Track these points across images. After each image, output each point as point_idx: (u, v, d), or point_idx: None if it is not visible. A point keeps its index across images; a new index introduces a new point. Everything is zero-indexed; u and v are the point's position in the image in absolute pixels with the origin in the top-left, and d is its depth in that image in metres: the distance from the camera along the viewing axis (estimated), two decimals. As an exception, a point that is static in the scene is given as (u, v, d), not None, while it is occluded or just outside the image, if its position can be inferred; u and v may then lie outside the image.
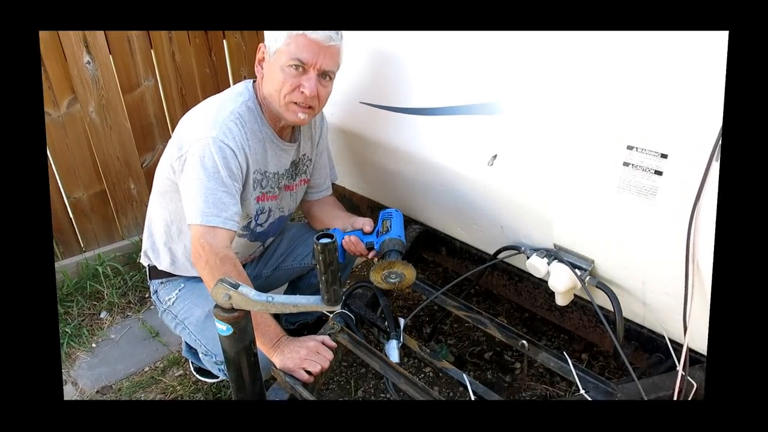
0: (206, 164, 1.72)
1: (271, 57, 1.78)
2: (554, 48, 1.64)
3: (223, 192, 1.73)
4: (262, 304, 1.28)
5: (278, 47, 1.75)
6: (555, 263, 1.78)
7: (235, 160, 1.75)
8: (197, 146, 1.73)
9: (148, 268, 2.15)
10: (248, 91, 1.87)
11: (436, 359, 1.80)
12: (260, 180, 1.91)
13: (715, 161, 1.34)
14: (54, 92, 2.67)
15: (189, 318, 2.01)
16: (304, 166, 2.12)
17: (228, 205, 1.73)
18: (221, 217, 1.72)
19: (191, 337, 2.00)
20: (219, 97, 1.88)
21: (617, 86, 1.51)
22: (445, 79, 1.92)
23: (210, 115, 1.78)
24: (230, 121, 1.76)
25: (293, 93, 1.77)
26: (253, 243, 2.08)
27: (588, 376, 1.66)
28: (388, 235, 1.85)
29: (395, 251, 1.81)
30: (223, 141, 1.72)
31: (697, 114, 1.38)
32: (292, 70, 1.74)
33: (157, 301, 2.12)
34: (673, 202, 1.45)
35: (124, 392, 2.35)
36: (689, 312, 1.51)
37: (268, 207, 2.01)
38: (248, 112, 1.83)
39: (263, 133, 1.87)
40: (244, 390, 1.44)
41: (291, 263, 2.34)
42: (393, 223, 1.91)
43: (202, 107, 1.86)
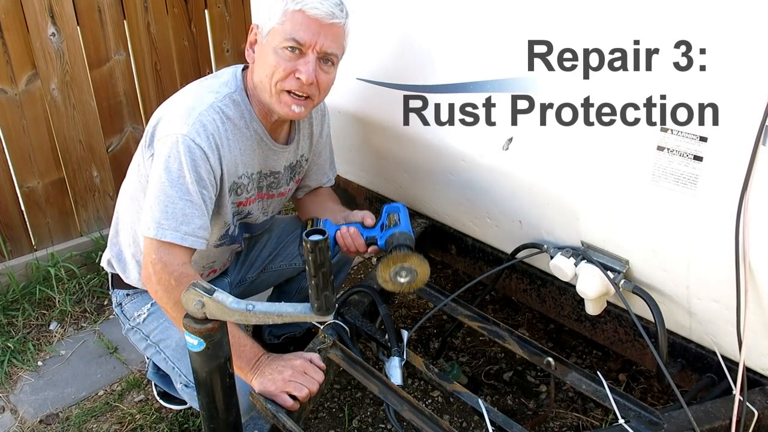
0: (170, 166, 1.69)
1: (264, 38, 1.75)
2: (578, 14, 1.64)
3: (186, 201, 1.70)
4: (240, 313, 1.27)
5: (272, 26, 1.72)
6: (583, 264, 1.78)
7: (205, 164, 1.72)
8: (164, 144, 1.71)
9: (110, 276, 2.14)
10: (235, 81, 1.84)
11: (445, 381, 1.80)
12: (245, 184, 1.90)
13: (762, 145, 1.34)
14: (12, 67, 2.70)
15: (165, 341, 1.99)
16: (300, 168, 2.12)
17: (190, 218, 1.71)
18: (180, 231, 1.70)
19: (167, 363, 1.99)
20: (199, 85, 1.85)
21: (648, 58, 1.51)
22: (457, 52, 1.92)
23: (184, 107, 1.76)
24: (206, 117, 1.73)
25: (287, 80, 1.73)
26: (230, 246, 2.08)
27: (627, 401, 1.65)
28: (397, 228, 1.83)
29: (405, 245, 1.78)
30: (193, 140, 1.69)
31: (738, 91, 1.38)
32: (287, 52, 1.71)
33: (121, 315, 2.11)
34: (717, 191, 1.45)
35: (73, 422, 2.33)
36: (744, 323, 1.51)
37: (252, 210, 2.01)
38: (233, 106, 1.80)
39: (252, 131, 1.85)
40: (217, 419, 1.43)
41: (280, 263, 2.34)
42: (401, 216, 1.90)
43: (178, 96, 1.84)
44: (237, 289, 2.32)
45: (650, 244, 1.65)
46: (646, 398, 2.35)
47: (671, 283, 1.69)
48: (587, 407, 2.33)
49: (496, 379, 2.48)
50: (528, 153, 1.80)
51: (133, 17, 2.99)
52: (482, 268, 2.30)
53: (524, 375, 2.49)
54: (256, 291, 2.40)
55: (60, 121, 2.91)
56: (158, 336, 2.01)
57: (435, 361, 2.55)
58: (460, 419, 2.31)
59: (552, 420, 2.30)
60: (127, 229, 2.01)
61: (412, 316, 2.80)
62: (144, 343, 2.05)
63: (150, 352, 2.05)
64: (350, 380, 2.44)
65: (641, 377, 2.44)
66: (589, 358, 2.55)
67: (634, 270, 1.75)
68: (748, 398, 1.59)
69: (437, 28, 1.96)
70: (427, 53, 1.99)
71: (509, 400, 2.38)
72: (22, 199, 2.92)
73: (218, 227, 1.91)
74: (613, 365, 2.50)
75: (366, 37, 2.16)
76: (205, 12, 3.24)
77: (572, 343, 2.62)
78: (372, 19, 2.14)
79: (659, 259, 1.67)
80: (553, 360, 1.78)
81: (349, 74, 2.22)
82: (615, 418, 1.61)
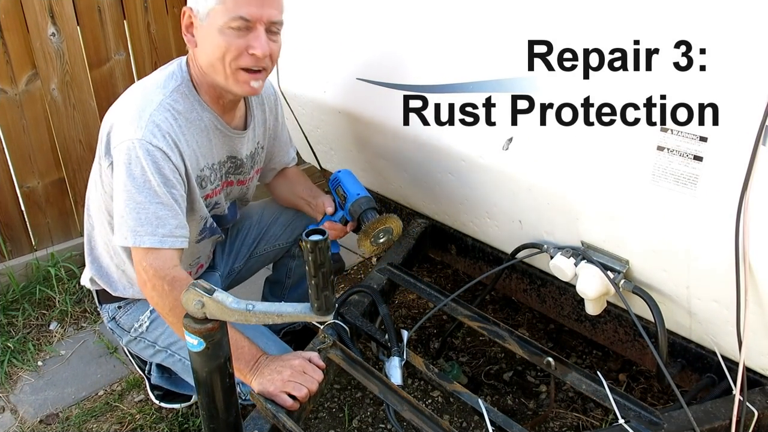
0: (134, 172, 1.68)
1: (203, 20, 1.71)
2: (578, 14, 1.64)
3: (158, 204, 1.69)
4: (240, 313, 1.27)
5: (211, 7, 1.68)
6: (583, 264, 1.79)
7: (168, 163, 1.70)
8: (121, 150, 1.69)
9: (96, 293, 2.11)
10: (181, 72, 1.82)
11: (445, 381, 1.80)
12: (208, 176, 1.89)
13: (762, 145, 1.34)
14: (12, 67, 2.70)
15: (177, 343, 1.97)
16: (258, 156, 2.12)
17: (164, 219, 1.70)
18: (157, 235, 1.69)
19: (183, 364, 1.97)
20: (146, 83, 1.82)
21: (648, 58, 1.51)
22: (457, 52, 1.92)
23: (134, 110, 1.73)
24: (158, 116, 1.71)
25: (241, 58, 1.71)
26: (211, 238, 2.07)
27: (627, 401, 1.65)
28: (348, 202, 1.96)
29: (368, 210, 1.91)
30: (150, 142, 1.68)
31: (738, 91, 1.37)
32: (234, 31, 1.68)
33: (117, 328, 2.08)
34: (717, 191, 1.45)
35: (73, 422, 2.33)
36: (744, 323, 1.51)
37: (219, 201, 2.00)
38: (183, 100, 1.78)
39: (205, 121, 1.84)
40: (217, 419, 1.42)
41: (264, 247, 2.36)
42: (344, 186, 2.01)
43: (127, 97, 1.81)
44: (227, 280, 2.33)
45: (650, 244, 1.65)
46: (646, 398, 2.35)
47: (671, 283, 1.68)
48: (587, 407, 2.33)
49: (496, 379, 2.47)
50: (528, 153, 1.79)
51: (133, 17, 2.99)
52: (482, 268, 2.30)
53: (524, 375, 2.49)
54: (245, 277, 2.42)
55: (60, 121, 2.90)
56: (167, 340, 2.00)
57: (435, 361, 2.55)
58: (460, 419, 2.31)
59: (552, 420, 2.29)
60: (102, 242, 1.99)
61: (412, 316, 2.79)
62: (151, 350, 2.04)
63: (160, 357, 2.04)
64: (350, 380, 2.44)
65: (641, 377, 2.44)
66: (589, 358, 2.55)
67: (634, 270, 1.75)
68: (748, 398, 1.58)
69: (437, 28, 1.96)
70: (428, 53, 1.98)
71: (509, 400, 2.38)
72: (22, 199, 2.92)
73: (196, 222, 1.91)
74: (613, 365, 2.50)
75: (366, 37, 2.17)
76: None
77: (572, 343, 2.62)
78: (372, 19, 2.14)
79: (659, 259, 1.67)
80: (553, 360, 1.78)
81: (348, 74, 2.22)
82: (615, 418, 1.61)
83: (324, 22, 2.30)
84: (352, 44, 2.21)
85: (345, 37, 2.23)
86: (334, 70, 2.28)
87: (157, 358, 2.06)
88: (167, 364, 2.06)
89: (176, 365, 2.02)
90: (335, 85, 2.28)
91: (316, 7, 2.31)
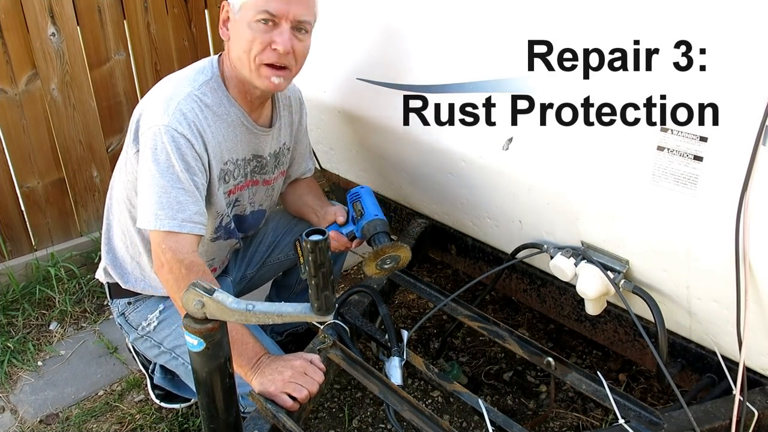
0: (158, 157, 1.72)
1: (237, 14, 1.77)
2: (578, 14, 1.64)
3: (179, 189, 1.73)
4: (240, 313, 1.27)
5: (243, 1, 1.74)
6: (583, 264, 1.78)
7: (191, 151, 1.74)
8: (148, 136, 1.74)
9: (107, 286, 2.13)
10: (212, 68, 1.86)
11: (445, 381, 1.80)
12: (232, 171, 1.91)
13: (762, 145, 1.34)
14: (12, 67, 2.71)
15: (182, 346, 1.97)
16: (283, 157, 2.14)
17: (185, 205, 1.73)
18: (177, 219, 1.72)
19: (186, 368, 1.97)
20: (176, 76, 1.87)
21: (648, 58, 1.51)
22: (457, 52, 1.92)
23: (162, 99, 1.77)
24: (185, 105, 1.75)
25: (264, 52, 1.75)
26: (228, 241, 2.07)
27: (627, 401, 1.65)
28: (364, 220, 1.94)
29: (381, 233, 1.89)
30: (175, 129, 1.72)
31: (738, 91, 1.38)
32: (261, 25, 1.73)
33: (125, 324, 2.09)
34: (717, 191, 1.45)
35: (73, 422, 2.33)
36: (744, 323, 1.51)
37: (240, 198, 2.01)
38: (211, 93, 1.83)
39: (232, 116, 1.87)
40: (217, 419, 1.42)
41: (278, 255, 2.35)
42: (364, 203, 1.99)
43: (157, 88, 1.85)
44: (239, 286, 2.33)
45: (650, 244, 1.65)
46: (646, 398, 2.35)
47: (671, 283, 1.68)
48: (587, 407, 2.33)
49: (496, 379, 2.47)
50: (528, 153, 1.79)
51: (133, 17, 2.99)
52: (482, 268, 2.29)
53: (524, 375, 2.48)
54: (258, 285, 2.42)
55: (60, 121, 2.91)
56: (173, 342, 2.00)
57: (435, 361, 2.55)
58: (460, 419, 2.31)
59: (552, 420, 2.29)
60: (120, 231, 2.01)
61: (412, 316, 2.79)
62: (156, 351, 2.04)
63: (164, 359, 2.05)
64: (350, 380, 2.44)
65: (641, 377, 2.44)
66: (589, 358, 2.55)
67: (634, 270, 1.75)
68: (748, 398, 1.58)
69: (437, 28, 1.96)
70: (428, 53, 1.98)
71: (509, 400, 2.38)
72: (22, 199, 2.93)
73: (212, 218, 1.92)
74: (613, 365, 2.50)
75: (367, 38, 2.16)
76: (205, 12, 3.25)
77: (572, 343, 2.62)
78: (372, 19, 2.14)
79: (659, 259, 1.67)
80: (553, 360, 1.78)
81: (349, 74, 2.22)
82: (615, 418, 1.61)
83: (324, 22, 2.30)
84: (352, 44, 2.21)
85: (345, 37, 2.23)
86: (334, 70, 2.28)
87: (161, 360, 2.06)
88: (171, 367, 2.06)
89: (179, 369, 2.02)
90: (335, 85, 2.28)
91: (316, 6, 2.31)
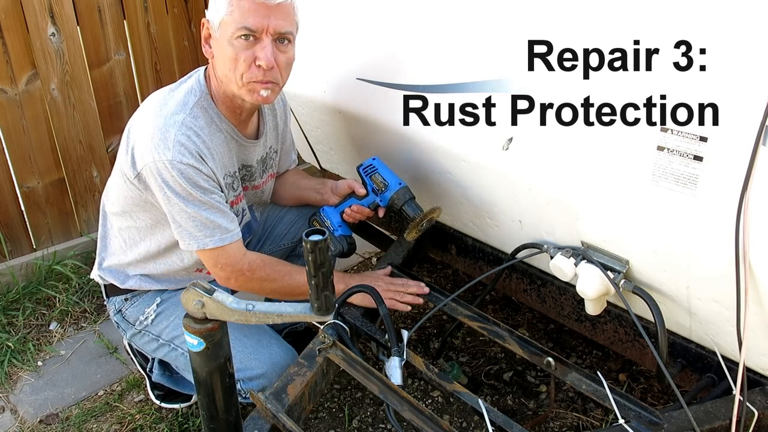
0: (176, 189, 1.76)
1: (217, 32, 1.77)
2: (578, 14, 1.64)
3: (206, 210, 1.79)
4: (240, 313, 1.27)
5: (221, 18, 1.73)
6: (583, 264, 1.78)
7: (200, 175, 1.78)
8: (155, 171, 1.75)
9: (103, 287, 2.14)
10: (200, 87, 1.86)
11: (445, 381, 1.80)
12: (231, 183, 1.95)
13: (762, 145, 1.34)
14: (12, 67, 2.71)
15: (181, 336, 1.99)
16: (271, 161, 2.17)
17: (217, 221, 1.80)
18: (215, 236, 1.81)
19: (186, 358, 1.98)
20: (167, 99, 1.84)
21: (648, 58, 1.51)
22: (457, 52, 1.92)
23: (158, 130, 1.76)
24: (182, 137, 1.76)
25: (250, 70, 1.75)
26: None
27: (627, 401, 1.66)
28: (390, 191, 2.06)
29: (409, 201, 2.06)
30: (180, 162, 1.74)
31: (738, 91, 1.37)
32: (242, 41, 1.73)
33: (122, 321, 2.11)
34: (717, 191, 1.45)
35: (73, 422, 2.33)
36: (744, 323, 1.50)
37: (244, 207, 2.06)
38: (202, 114, 1.83)
39: (224, 131, 1.90)
40: (217, 419, 1.42)
41: (270, 248, 2.39)
42: (383, 174, 2.10)
43: (149, 113, 1.82)
44: None
45: (650, 244, 1.65)
46: (646, 398, 2.35)
47: (671, 283, 1.68)
48: (587, 407, 2.33)
49: (496, 379, 2.47)
50: (528, 153, 1.79)
51: (133, 17, 3.00)
52: (482, 268, 2.29)
53: (524, 375, 2.48)
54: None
55: (60, 121, 2.91)
56: (171, 333, 2.02)
57: (435, 361, 2.55)
58: (460, 419, 2.31)
59: (552, 420, 2.29)
60: (118, 237, 2.04)
61: (412, 316, 2.79)
62: (154, 344, 2.06)
63: (163, 351, 2.06)
64: (350, 380, 2.44)
65: (641, 377, 2.44)
66: (589, 358, 2.55)
67: (634, 270, 1.74)
68: (748, 398, 1.58)
69: (437, 28, 1.95)
70: (428, 53, 1.98)
71: (509, 400, 2.38)
72: (22, 199, 2.93)
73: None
74: (613, 365, 2.50)
75: (366, 37, 2.16)
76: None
77: (572, 343, 2.62)
78: (372, 19, 2.14)
79: (659, 259, 1.66)
80: (553, 360, 1.78)
81: (349, 74, 2.22)
82: (615, 418, 1.61)
83: (324, 22, 2.30)
84: (351, 44, 2.21)
85: (345, 37, 2.23)
86: (334, 70, 2.28)
87: (160, 353, 2.07)
88: (170, 359, 2.08)
89: (179, 360, 2.04)
90: (335, 85, 2.28)
91: (316, 7, 2.31)
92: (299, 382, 1.72)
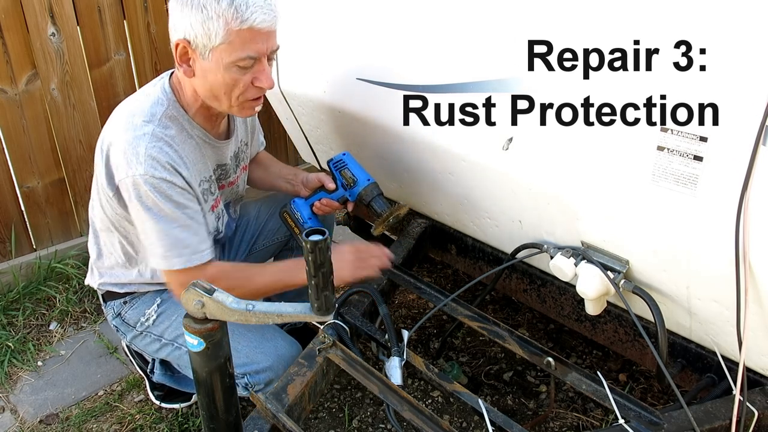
0: (147, 204, 1.75)
1: (206, 57, 1.70)
2: (578, 14, 1.64)
3: (177, 228, 1.77)
4: (240, 313, 1.27)
5: (215, 45, 1.68)
6: (583, 264, 1.78)
7: (174, 188, 1.76)
8: (128, 185, 1.75)
9: (100, 293, 2.14)
10: (166, 96, 1.83)
11: (445, 381, 1.80)
12: (208, 188, 1.95)
13: (762, 145, 1.34)
14: (12, 67, 2.71)
15: (183, 335, 1.98)
16: (243, 154, 2.18)
17: (186, 241, 1.79)
18: (183, 256, 1.79)
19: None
20: (135, 111, 1.81)
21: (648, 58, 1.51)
22: (457, 52, 1.92)
23: (128, 144, 1.74)
24: (153, 149, 1.74)
25: (247, 91, 1.77)
26: None
27: (628, 401, 1.66)
28: (359, 186, 2.11)
29: (377, 197, 2.11)
30: (152, 176, 1.73)
31: (738, 91, 1.37)
32: (241, 69, 1.72)
33: (122, 325, 2.10)
34: (717, 191, 1.45)
35: (73, 422, 2.33)
36: (744, 323, 1.50)
37: (220, 211, 2.06)
38: (172, 123, 1.82)
39: (195, 138, 1.89)
40: (217, 419, 1.42)
41: (263, 242, 2.41)
42: (352, 170, 2.14)
43: (118, 126, 1.80)
44: None
45: (650, 244, 1.65)
46: (646, 398, 2.35)
47: (671, 283, 1.68)
48: (587, 407, 2.33)
49: (496, 379, 2.47)
50: (528, 153, 1.79)
51: (133, 17, 3.00)
52: (482, 268, 2.30)
53: (524, 375, 2.49)
54: None
55: (60, 121, 2.92)
56: (173, 333, 2.02)
57: (435, 361, 2.55)
58: (460, 419, 2.31)
59: (552, 420, 2.29)
60: (111, 251, 2.03)
61: (412, 316, 2.79)
62: (157, 344, 2.05)
63: (166, 351, 2.06)
64: (350, 380, 2.44)
65: (641, 377, 2.44)
66: (589, 358, 2.55)
67: (634, 270, 1.75)
68: (748, 398, 1.58)
69: (437, 28, 1.95)
70: (428, 53, 1.98)
71: (509, 400, 2.38)
72: (22, 199, 2.93)
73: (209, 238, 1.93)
74: (613, 365, 2.50)
75: (366, 37, 2.16)
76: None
77: (572, 343, 2.62)
78: (372, 19, 2.14)
79: (659, 259, 1.67)
80: (553, 360, 1.78)
81: (349, 74, 2.22)
82: (615, 418, 1.61)
83: (324, 22, 2.30)
84: (352, 44, 2.21)
85: (345, 37, 2.23)
86: (334, 70, 2.28)
87: (163, 353, 2.07)
88: (172, 358, 2.08)
89: (182, 358, 2.04)
90: (335, 85, 2.28)
91: (316, 7, 2.31)
92: (299, 382, 1.72)
